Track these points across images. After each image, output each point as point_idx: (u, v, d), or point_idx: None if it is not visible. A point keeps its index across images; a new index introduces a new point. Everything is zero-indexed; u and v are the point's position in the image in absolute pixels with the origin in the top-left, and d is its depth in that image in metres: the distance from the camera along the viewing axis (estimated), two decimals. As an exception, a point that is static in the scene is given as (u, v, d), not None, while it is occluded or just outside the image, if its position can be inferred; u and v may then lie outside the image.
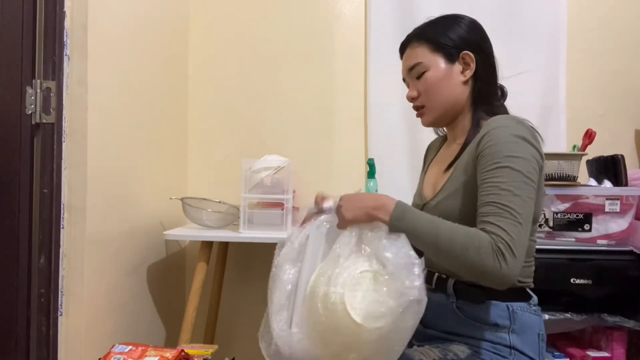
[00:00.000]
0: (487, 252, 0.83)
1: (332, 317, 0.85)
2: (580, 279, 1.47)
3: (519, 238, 0.84)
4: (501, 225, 0.85)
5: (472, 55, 1.04)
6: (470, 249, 0.84)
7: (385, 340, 0.84)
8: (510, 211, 0.86)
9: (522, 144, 0.91)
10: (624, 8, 1.96)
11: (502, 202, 0.87)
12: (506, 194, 0.87)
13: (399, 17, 1.96)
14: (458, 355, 0.96)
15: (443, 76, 1.05)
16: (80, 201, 1.29)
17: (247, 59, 2.05)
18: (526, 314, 0.99)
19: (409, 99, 1.11)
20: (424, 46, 1.07)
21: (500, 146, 0.91)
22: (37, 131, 1.25)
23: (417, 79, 1.08)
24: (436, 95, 1.06)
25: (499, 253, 0.83)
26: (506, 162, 0.89)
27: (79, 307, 1.29)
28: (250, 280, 2.03)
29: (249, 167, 1.61)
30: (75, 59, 1.28)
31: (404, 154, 1.97)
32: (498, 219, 0.85)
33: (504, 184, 0.88)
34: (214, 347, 1.44)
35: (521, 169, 0.89)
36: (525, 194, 0.88)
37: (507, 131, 0.93)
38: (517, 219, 0.85)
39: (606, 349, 1.54)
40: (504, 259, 0.82)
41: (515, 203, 0.86)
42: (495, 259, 0.82)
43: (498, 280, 0.84)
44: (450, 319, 1.02)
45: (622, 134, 1.95)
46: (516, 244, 0.83)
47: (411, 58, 1.08)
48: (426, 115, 1.09)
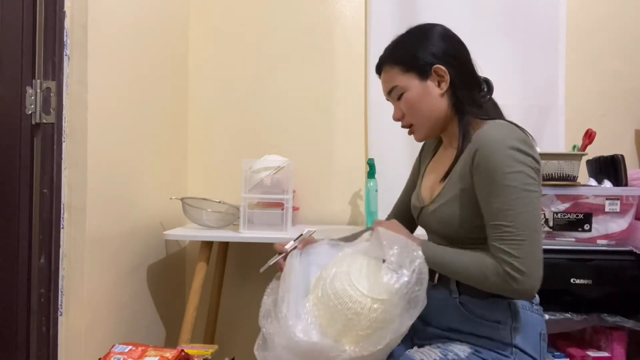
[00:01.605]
0: (495, 277, 0.91)
1: (338, 291, 0.93)
2: (580, 279, 1.47)
3: (524, 255, 0.89)
4: (504, 248, 0.91)
5: (444, 67, 1.03)
6: (482, 278, 0.93)
7: (383, 322, 0.91)
8: (512, 231, 0.90)
9: (516, 156, 0.92)
10: (624, 8, 1.96)
11: (504, 222, 0.91)
12: (508, 214, 0.91)
13: (399, 17, 1.96)
14: (459, 355, 0.96)
15: (421, 94, 1.06)
16: (80, 201, 1.29)
17: (247, 59, 2.05)
18: (528, 313, 1.00)
19: (395, 120, 1.14)
20: (395, 69, 1.08)
21: (495, 163, 0.92)
22: (37, 131, 1.25)
23: (397, 100, 1.10)
24: (419, 113, 1.07)
25: (506, 276, 0.89)
26: (503, 180, 0.92)
27: (79, 307, 1.29)
28: (250, 280, 2.03)
29: (249, 167, 1.61)
30: (75, 59, 1.28)
31: (404, 154, 1.96)
32: (501, 242, 0.91)
33: (505, 204, 0.91)
34: (214, 347, 1.44)
35: (518, 184, 0.91)
36: (528, 207, 0.91)
37: (498, 145, 0.93)
38: (520, 236, 0.90)
39: (606, 349, 1.54)
40: (513, 279, 0.89)
41: (517, 221, 0.90)
42: (504, 282, 0.90)
43: (517, 296, 0.94)
44: (453, 315, 1.02)
45: (622, 134, 1.95)
46: (522, 262, 0.89)
47: (387, 82, 1.11)
48: (417, 133, 1.12)
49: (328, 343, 0.91)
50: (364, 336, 0.91)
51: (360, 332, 0.91)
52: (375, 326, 0.91)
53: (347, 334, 0.92)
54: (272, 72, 2.04)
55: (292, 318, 0.95)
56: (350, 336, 0.92)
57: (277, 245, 1.13)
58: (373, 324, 0.91)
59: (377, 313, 0.91)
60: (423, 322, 1.10)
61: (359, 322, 0.91)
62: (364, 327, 0.91)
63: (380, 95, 1.93)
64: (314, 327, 0.94)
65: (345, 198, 2.02)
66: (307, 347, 0.91)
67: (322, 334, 0.93)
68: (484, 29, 1.93)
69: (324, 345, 0.91)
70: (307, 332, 0.93)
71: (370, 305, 0.91)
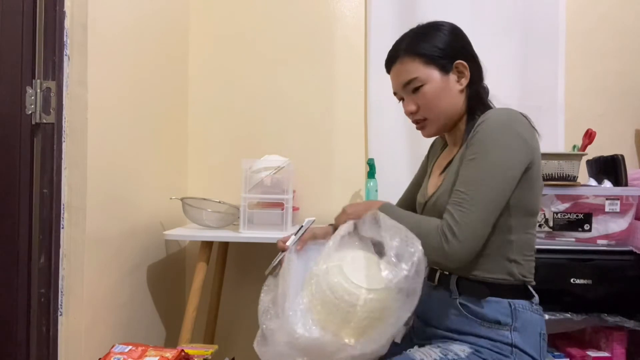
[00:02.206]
0: (434, 235, 0.93)
1: (333, 285, 0.94)
2: (580, 279, 1.47)
3: (466, 222, 0.91)
4: (451, 211, 0.93)
5: (466, 63, 1.05)
6: (423, 234, 0.93)
7: (380, 312, 0.92)
8: (465, 199, 0.93)
9: (510, 134, 0.94)
10: (624, 8, 1.96)
11: (464, 189, 0.94)
12: (471, 183, 0.94)
13: (399, 17, 1.96)
14: (459, 355, 0.96)
15: (441, 88, 1.05)
16: (80, 201, 1.29)
17: (247, 59, 2.05)
18: (528, 313, 0.99)
19: (407, 114, 1.11)
20: (415, 61, 1.05)
21: (487, 135, 0.95)
22: (37, 131, 1.25)
23: (413, 93, 1.07)
24: (437, 107, 1.06)
25: (442, 236, 0.92)
26: (486, 149, 0.94)
27: (79, 307, 1.29)
28: (250, 280, 2.03)
29: (249, 167, 1.61)
30: (75, 59, 1.28)
31: (404, 154, 1.97)
32: (452, 206, 0.94)
33: (474, 174, 0.94)
34: (214, 347, 1.44)
35: (497, 160, 0.93)
36: (492, 184, 0.93)
37: (495, 123, 0.95)
38: (470, 205, 0.92)
39: (606, 349, 1.54)
40: (446, 241, 0.91)
41: (476, 192, 0.92)
42: (439, 241, 0.92)
43: (443, 258, 0.93)
44: (453, 316, 1.02)
45: (622, 134, 1.95)
46: (461, 228, 0.91)
47: (404, 74, 1.07)
48: (428, 128, 1.10)
49: (328, 338, 0.92)
50: (363, 328, 0.91)
51: (358, 324, 0.92)
52: (373, 316, 0.92)
53: (346, 326, 0.92)
54: (272, 72, 2.04)
55: (292, 314, 0.95)
56: (349, 329, 0.92)
57: (280, 242, 1.12)
58: (370, 314, 0.92)
59: (373, 303, 0.92)
60: (423, 322, 1.10)
61: (356, 314, 0.92)
62: (361, 319, 0.92)
63: (381, 95, 1.96)
64: (313, 323, 0.94)
65: (345, 198, 2.02)
66: (308, 343, 0.92)
67: (322, 329, 0.94)
68: (483, 29, 1.93)
69: (325, 341, 0.92)
70: (308, 327, 0.93)
71: (366, 296, 0.92)
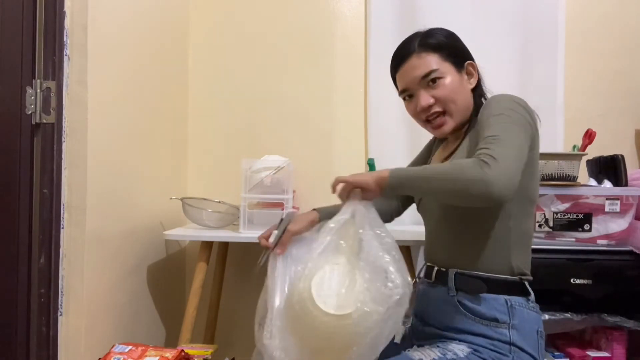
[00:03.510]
0: (471, 167, 0.87)
1: (304, 308, 0.89)
2: (580, 279, 1.47)
3: (505, 153, 0.88)
4: (487, 147, 0.89)
5: (475, 64, 1.09)
6: (458, 170, 0.88)
7: (360, 335, 0.86)
8: (496, 137, 0.91)
9: (517, 106, 0.97)
10: (624, 8, 1.96)
11: (490, 134, 0.92)
12: (494, 128, 0.93)
13: (399, 17, 1.96)
14: (458, 355, 0.96)
15: (458, 83, 1.07)
16: (80, 201, 1.29)
17: (247, 59, 2.05)
18: (525, 310, 1.00)
19: (423, 108, 1.08)
20: (433, 54, 1.06)
21: (496, 105, 0.98)
22: (37, 131, 1.25)
23: (429, 86, 1.06)
24: (456, 100, 1.06)
25: (481, 163, 0.86)
26: (501, 111, 0.95)
27: (79, 307, 1.29)
28: (250, 280, 2.03)
29: (249, 167, 1.61)
30: (75, 59, 1.28)
31: (404, 154, 1.96)
32: (484, 144, 0.91)
33: (494, 125, 0.93)
34: (214, 347, 1.44)
35: (512, 116, 0.94)
36: (515, 130, 0.93)
37: (503, 97, 1.00)
38: (504, 141, 0.90)
39: (606, 349, 1.53)
40: (488, 167, 0.85)
41: (501, 132, 0.91)
42: (479, 169, 0.86)
43: (486, 188, 0.85)
44: (450, 314, 1.03)
45: (622, 134, 1.95)
46: (501, 156, 0.87)
47: (421, 66, 1.06)
48: (448, 123, 1.08)
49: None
50: (336, 353, 0.87)
51: (332, 349, 0.88)
52: (352, 341, 0.86)
53: (324, 354, 0.89)
54: (272, 72, 2.04)
55: (270, 335, 0.92)
56: (323, 354, 0.89)
57: (262, 239, 1.11)
58: (349, 340, 0.86)
59: (350, 328, 0.85)
60: (421, 321, 1.10)
61: (333, 344, 0.87)
62: (338, 347, 0.87)
63: (381, 95, 1.96)
64: (290, 345, 0.91)
65: (345, 198, 2.02)
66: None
67: (299, 352, 0.90)
68: (483, 29, 1.92)
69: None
70: (286, 350, 0.90)
71: (337, 323, 0.86)
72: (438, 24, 1.17)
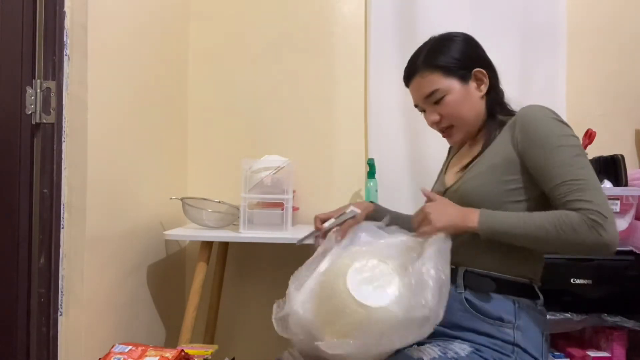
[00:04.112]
0: (584, 229, 0.88)
1: (335, 280, 0.95)
2: (580, 279, 1.47)
3: (603, 201, 0.89)
4: (585, 198, 0.90)
5: (484, 70, 1.09)
6: (567, 230, 0.89)
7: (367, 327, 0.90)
8: (585, 182, 0.91)
9: (562, 125, 0.98)
10: (624, 8, 1.96)
11: (573, 177, 0.92)
12: (572, 170, 0.93)
13: (399, 17, 1.96)
14: (459, 354, 0.95)
15: (463, 97, 1.09)
16: (80, 201, 1.29)
17: (247, 59, 2.05)
18: (532, 312, 1.00)
19: (431, 124, 1.14)
20: (435, 73, 1.09)
21: (546, 129, 0.97)
22: (37, 131, 1.25)
23: (435, 104, 1.10)
24: (461, 115, 1.10)
25: (595, 225, 0.87)
26: (559, 142, 0.95)
27: (79, 307, 1.29)
28: (250, 280, 2.03)
29: (249, 167, 1.61)
30: (75, 59, 1.28)
31: (403, 153, 1.96)
32: (579, 194, 0.90)
33: (566, 163, 0.93)
34: (214, 347, 1.44)
35: (572, 144, 0.95)
36: (587, 165, 0.94)
37: (544, 115, 0.99)
38: (592, 185, 0.91)
39: (606, 349, 1.53)
40: (602, 228, 0.87)
41: (583, 175, 0.92)
42: (593, 232, 0.87)
43: (604, 249, 0.88)
44: (456, 311, 1.02)
45: (622, 134, 1.95)
46: (604, 208, 0.88)
47: (425, 87, 1.10)
48: (455, 135, 1.13)
49: (315, 325, 0.94)
50: (344, 332, 0.91)
51: (343, 332, 0.91)
52: (359, 329, 0.90)
53: (331, 327, 0.93)
54: (272, 72, 2.04)
55: (297, 289, 0.97)
56: (333, 328, 0.92)
57: (318, 220, 1.15)
58: (357, 327, 0.90)
59: (362, 317, 0.89)
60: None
61: (342, 322, 0.91)
62: (346, 328, 0.91)
63: (381, 96, 1.96)
64: (310, 306, 0.96)
65: (345, 198, 2.02)
66: (298, 321, 0.94)
67: (315, 314, 0.95)
68: (483, 29, 1.92)
69: (312, 326, 0.93)
70: (304, 306, 0.95)
71: (353, 306, 0.90)
72: (438, 24, 1.17)
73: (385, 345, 0.90)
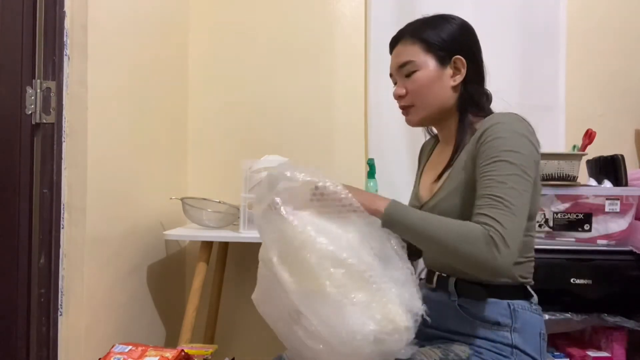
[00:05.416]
0: (480, 243, 0.84)
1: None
2: (580, 279, 1.47)
3: (513, 229, 0.85)
4: (494, 217, 0.85)
5: (464, 60, 1.04)
6: (464, 240, 0.85)
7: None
8: (504, 202, 0.86)
9: (521, 140, 0.92)
10: (624, 8, 1.96)
11: (497, 194, 0.88)
12: (501, 187, 0.88)
13: (399, 17, 1.96)
14: (459, 356, 0.95)
15: (434, 78, 1.04)
16: (80, 201, 1.29)
17: (247, 59, 2.05)
18: (527, 313, 0.99)
19: (395, 97, 1.09)
20: (416, 45, 1.05)
21: (499, 141, 0.92)
22: (37, 131, 1.25)
23: (406, 77, 1.06)
24: (425, 96, 1.05)
25: (492, 244, 0.83)
26: (504, 156, 0.90)
27: (79, 307, 1.29)
28: (250, 280, 2.01)
29: (249, 167, 1.61)
30: (75, 59, 1.28)
31: (404, 154, 1.97)
32: (492, 211, 0.86)
33: (499, 177, 0.89)
34: (214, 347, 1.44)
35: (518, 163, 0.90)
36: (521, 187, 0.89)
37: (506, 127, 0.94)
38: (511, 210, 0.86)
39: (606, 349, 1.53)
40: (497, 250, 0.83)
41: (509, 195, 0.87)
42: (489, 250, 0.83)
43: (492, 270, 0.85)
44: (452, 318, 1.02)
45: (622, 134, 1.95)
46: (509, 235, 0.84)
47: (402, 55, 1.07)
48: (412, 115, 1.08)
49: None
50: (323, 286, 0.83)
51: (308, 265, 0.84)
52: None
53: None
54: (272, 72, 2.04)
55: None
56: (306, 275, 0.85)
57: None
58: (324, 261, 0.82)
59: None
60: (422, 323, 1.10)
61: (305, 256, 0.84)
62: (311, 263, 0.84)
63: (381, 95, 1.96)
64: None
65: (345, 198, 2.02)
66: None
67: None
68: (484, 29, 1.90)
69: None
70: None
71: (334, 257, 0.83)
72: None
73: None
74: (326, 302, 0.83)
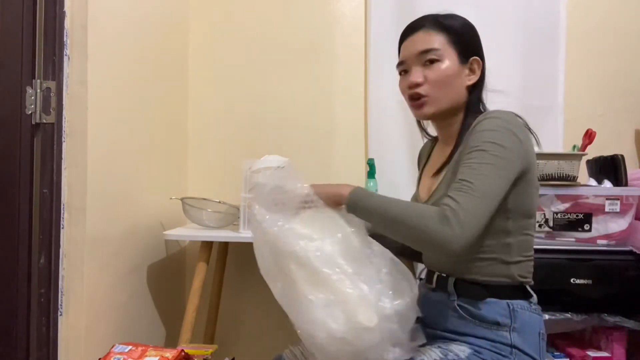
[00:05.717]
0: (434, 220, 0.85)
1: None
2: (580, 279, 1.47)
3: (471, 209, 0.85)
4: (453, 197, 0.86)
5: (480, 62, 1.05)
6: (419, 217, 0.86)
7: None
8: (467, 185, 0.87)
9: (506, 134, 0.92)
10: (624, 8, 1.96)
11: (464, 178, 0.89)
12: (471, 172, 0.89)
13: (399, 17, 1.96)
14: (459, 355, 0.95)
15: (455, 73, 1.03)
16: (80, 201, 1.29)
17: (247, 58, 2.05)
18: (527, 313, 0.99)
19: (411, 85, 1.04)
20: (442, 35, 1.03)
21: (484, 133, 0.93)
22: (37, 131, 1.25)
23: (424, 66, 1.03)
24: (443, 89, 1.02)
25: (445, 221, 0.84)
26: (484, 146, 0.91)
27: (79, 307, 1.29)
28: (250, 280, 2.03)
29: (249, 167, 1.61)
30: (75, 59, 1.28)
31: (404, 154, 1.96)
32: (454, 192, 0.87)
33: (473, 165, 0.90)
34: (214, 347, 1.44)
35: (496, 154, 0.90)
36: (493, 175, 0.89)
37: (494, 121, 0.94)
38: (473, 191, 0.86)
39: (606, 349, 1.53)
40: (450, 227, 0.83)
41: (476, 179, 0.88)
42: (442, 228, 0.83)
43: (444, 248, 0.84)
44: (451, 318, 1.02)
45: (622, 134, 1.95)
46: (465, 213, 0.84)
47: (426, 42, 1.03)
48: (428, 106, 1.04)
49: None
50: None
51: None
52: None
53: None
54: (272, 72, 2.04)
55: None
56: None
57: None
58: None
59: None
60: (422, 324, 1.10)
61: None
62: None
63: (381, 96, 1.96)
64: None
65: (345, 198, 2.02)
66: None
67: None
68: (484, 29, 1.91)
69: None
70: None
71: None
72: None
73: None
74: (297, 300, 0.87)
